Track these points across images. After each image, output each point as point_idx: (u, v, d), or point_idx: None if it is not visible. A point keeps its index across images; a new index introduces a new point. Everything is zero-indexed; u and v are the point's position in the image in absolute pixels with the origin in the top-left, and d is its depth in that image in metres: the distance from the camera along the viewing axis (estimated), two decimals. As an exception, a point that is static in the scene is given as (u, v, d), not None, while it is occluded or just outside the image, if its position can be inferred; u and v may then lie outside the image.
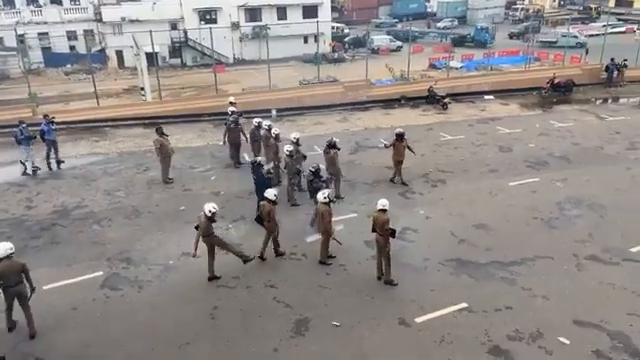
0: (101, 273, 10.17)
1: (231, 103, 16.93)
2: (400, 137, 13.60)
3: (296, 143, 13.14)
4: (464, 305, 9.12)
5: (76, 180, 14.93)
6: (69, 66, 39.78)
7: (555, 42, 38.43)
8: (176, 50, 44.05)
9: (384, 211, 9.42)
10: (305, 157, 13.42)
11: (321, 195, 10.27)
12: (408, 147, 13.80)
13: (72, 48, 41.97)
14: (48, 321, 8.66)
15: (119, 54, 41.78)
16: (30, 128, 15.23)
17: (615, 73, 25.69)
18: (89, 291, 9.65)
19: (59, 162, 15.68)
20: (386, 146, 14.37)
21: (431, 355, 8.06)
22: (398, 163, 13.93)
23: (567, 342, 8.19)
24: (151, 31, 21.76)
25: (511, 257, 10.58)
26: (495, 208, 12.81)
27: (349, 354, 8.10)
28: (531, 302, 9.26)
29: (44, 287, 9.39)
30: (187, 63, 43.83)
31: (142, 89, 24.46)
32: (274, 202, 10.33)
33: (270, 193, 10.36)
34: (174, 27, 42.88)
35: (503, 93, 24.29)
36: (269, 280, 9.94)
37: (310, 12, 45.98)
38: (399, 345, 8.29)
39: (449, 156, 16.12)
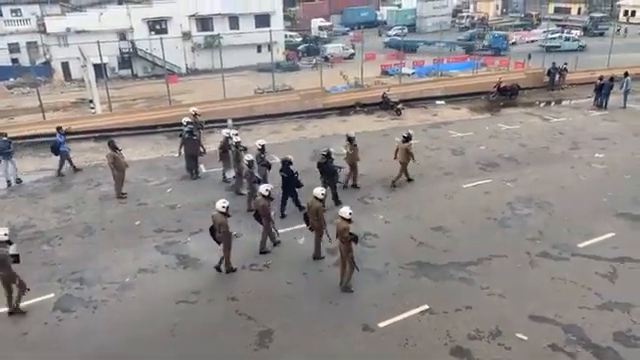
0: (52, 295, 9.70)
1: (195, 114, 16.63)
2: (350, 140, 13.98)
3: (261, 150, 13.10)
4: (425, 307, 9.29)
5: (22, 198, 14.21)
6: (12, 80, 37.96)
7: (559, 47, 39.42)
8: (126, 61, 42.94)
9: (346, 220, 9.42)
10: (270, 166, 13.33)
11: (319, 191, 10.43)
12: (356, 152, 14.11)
13: (15, 61, 40.11)
14: (-5, 349, 8.20)
15: (65, 66, 40.32)
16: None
17: (557, 77, 27.04)
18: (40, 314, 9.18)
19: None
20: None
21: (395, 359, 8.14)
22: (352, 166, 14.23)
23: (525, 338, 8.48)
24: (98, 42, 21.14)
25: (468, 257, 10.88)
26: (451, 210, 13.14)
27: (314, 363, 8.07)
28: (489, 300, 9.53)
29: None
30: (138, 74, 42.79)
31: (91, 102, 23.66)
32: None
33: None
34: (123, 37, 41.80)
35: (453, 98, 25.07)
36: (230, 293, 9.79)
37: (262, 21, 45.97)
38: (364, 350, 8.33)
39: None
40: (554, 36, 44.65)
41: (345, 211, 9.54)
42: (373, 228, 12.04)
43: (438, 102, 24.72)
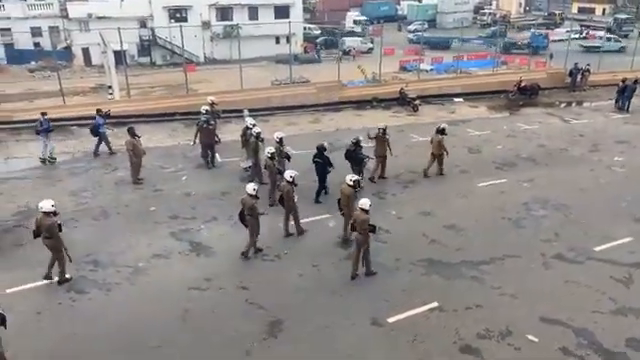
0: (67, 276, 9.85)
1: (212, 103, 16.69)
2: (383, 131, 14.13)
3: (279, 142, 13.15)
4: (435, 305, 9.25)
5: (41, 180, 14.45)
6: (33, 63, 38.48)
7: (599, 47, 38.48)
8: (145, 48, 43.24)
9: (365, 211, 9.56)
10: (289, 157, 13.37)
11: (350, 177, 10.79)
12: (388, 145, 14.20)
13: (37, 45, 40.61)
14: (10, 327, 8.32)
15: (86, 52, 40.72)
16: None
17: (579, 77, 26.57)
18: (54, 295, 9.35)
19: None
20: (370, 137, 14.46)
21: (404, 355, 8.14)
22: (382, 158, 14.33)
23: (535, 340, 8.41)
24: (119, 28, 21.26)
25: (480, 257, 10.79)
26: (465, 208, 13.04)
27: (323, 355, 8.09)
28: (500, 300, 9.46)
29: (7, 290, 9.06)
30: (157, 62, 43.08)
31: (110, 87, 23.88)
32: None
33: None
34: (143, 25, 42.07)
35: (472, 96, 24.79)
36: (241, 282, 9.85)
37: (282, 12, 45.85)
38: (372, 345, 8.34)
39: (420, 157, 16.25)
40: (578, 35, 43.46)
41: (365, 202, 9.64)
42: (386, 224, 11.98)
43: (456, 100, 24.48)
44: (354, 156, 13.40)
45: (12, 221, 12.01)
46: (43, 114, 15.61)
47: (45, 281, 9.60)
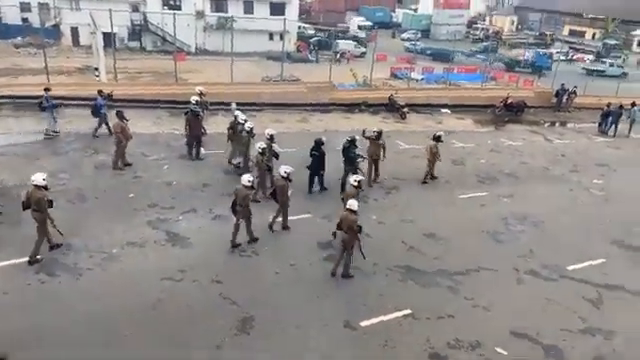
0: (38, 257, 9.61)
1: (201, 94, 16.54)
2: (378, 135, 14.33)
3: (270, 139, 13.09)
4: (409, 311, 9.28)
5: (18, 158, 14.09)
6: (20, 39, 37.61)
7: (603, 71, 38.24)
8: (136, 33, 42.63)
9: (353, 212, 9.66)
10: (277, 155, 13.30)
11: (354, 177, 10.92)
12: (383, 148, 14.33)
13: (25, 20, 39.72)
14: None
15: (74, 31, 39.95)
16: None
17: (564, 98, 27.04)
18: (23, 275, 9.11)
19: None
20: (364, 136, 14.49)
21: (373, 358, 8.12)
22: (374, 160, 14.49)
23: (504, 353, 8.49)
24: (110, 10, 20.90)
25: (457, 267, 10.87)
26: (445, 219, 13.12)
27: (293, 354, 8.04)
28: (472, 312, 9.54)
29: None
30: (147, 47, 42.48)
31: (96, 69, 23.44)
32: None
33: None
34: (135, 9, 41.46)
35: (459, 108, 25.02)
36: (216, 275, 9.74)
37: (277, 9, 45.69)
38: (343, 347, 8.32)
39: (405, 164, 16.39)
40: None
41: (353, 203, 9.74)
42: (366, 228, 11.79)
43: (444, 110, 24.68)
44: (347, 154, 13.56)
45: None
46: (46, 90, 15.75)
47: (13, 261, 9.34)
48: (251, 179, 10.62)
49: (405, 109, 22.61)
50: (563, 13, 76.02)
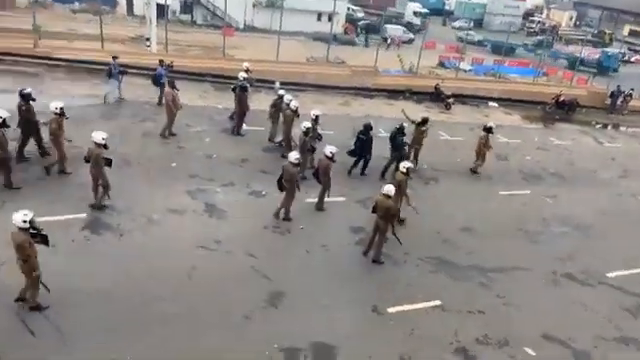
0: (84, 215, 10.07)
1: (247, 70, 16.70)
2: (423, 121, 14.37)
3: (315, 120, 13.15)
4: (438, 303, 9.23)
5: (70, 120, 14.61)
6: (77, 4, 38.79)
7: None
8: (188, 6, 43.15)
9: (389, 197, 9.62)
10: (321, 137, 13.36)
11: (405, 165, 10.94)
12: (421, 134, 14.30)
13: (83, -14, 40.86)
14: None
15: (129, 1, 40.82)
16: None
17: (619, 100, 25.80)
18: (70, 231, 9.55)
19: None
20: (407, 117, 14.53)
21: (398, 345, 8.14)
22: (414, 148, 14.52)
23: (533, 353, 8.35)
24: (166, -18, 21.26)
25: (491, 264, 10.69)
26: (483, 214, 12.87)
27: (318, 333, 8.14)
28: (504, 310, 9.38)
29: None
30: (197, 21, 42.99)
31: (148, 40, 23.98)
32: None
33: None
34: (189, -18, 41.94)
35: (508, 102, 24.28)
36: (249, 249, 9.93)
37: (329, -11, 45.16)
38: (368, 331, 8.37)
39: (446, 156, 16.11)
40: None
41: (391, 189, 9.71)
42: (401, 216, 11.90)
43: (491, 103, 24.02)
44: (394, 141, 13.58)
45: (37, 156, 12.16)
46: (114, 57, 16.45)
47: (59, 217, 9.78)
48: (298, 156, 10.83)
49: (451, 99, 22.12)
50: (624, 12, 71.89)
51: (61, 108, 11.20)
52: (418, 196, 13.20)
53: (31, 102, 11.73)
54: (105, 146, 10.03)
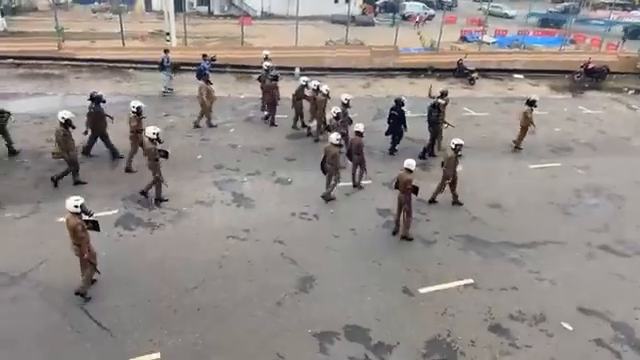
0: (116, 212, 10.35)
1: (266, 58, 16.73)
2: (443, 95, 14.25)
3: (346, 105, 13.21)
4: (470, 281, 9.15)
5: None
6: (97, 4, 39.36)
7: None
8: (203, -3, 43.28)
9: (409, 171, 9.73)
10: (351, 121, 13.40)
11: (456, 141, 11.06)
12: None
13: (102, -14, 41.42)
14: (64, 252, 8.85)
15: (147, -4, 41.22)
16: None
17: (653, 64, 24.77)
18: (104, 227, 9.75)
19: None
20: (430, 95, 14.64)
21: (431, 325, 8.13)
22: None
23: (570, 328, 8.21)
24: (181, -25, 21.33)
25: (522, 239, 10.53)
26: (512, 189, 12.64)
27: (350, 316, 8.20)
28: (538, 285, 9.24)
29: (60, 219, 9.56)
30: (214, 12, 43.09)
31: (167, 34, 24.18)
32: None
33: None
34: (204, -26, 41.98)
35: (534, 73, 23.64)
36: (278, 236, 10.03)
37: (344, -29, 44.51)
38: (400, 313, 8.37)
39: (471, 132, 15.82)
40: None
41: (411, 163, 9.77)
42: (427, 195, 11.78)
43: (516, 76, 23.42)
44: (430, 118, 13.65)
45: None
46: (166, 51, 17.42)
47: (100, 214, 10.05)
48: (339, 137, 11.01)
49: (474, 74, 21.67)
50: (658, -32, 68.50)
51: (138, 107, 11.77)
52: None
53: (101, 104, 12.30)
54: (158, 140, 10.39)
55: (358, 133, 11.41)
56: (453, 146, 11.01)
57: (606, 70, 23.42)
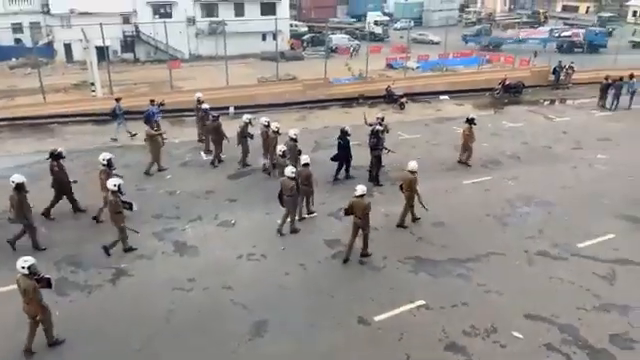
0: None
1: (199, 100, 16.86)
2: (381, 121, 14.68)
3: (294, 140, 13.41)
4: (422, 302, 9.24)
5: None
6: (14, 60, 37.68)
7: None
8: (128, 44, 42.63)
9: (362, 196, 10.07)
10: (300, 152, 13.53)
11: (413, 164, 11.61)
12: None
13: (17, 41, 39.73)
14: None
15: (67, 47, 39.99)
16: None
17: (562, 75, 26.85)
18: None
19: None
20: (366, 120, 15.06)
21: (390, 353, 8.10)
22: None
23: (520, 336, 8.44)
24: (101, 24, 20.92)
25: (467, 254, 10.82)
26: (451, 206, 13.05)
27: (309, 355, 8.02)
28: (486, 298, 9.49)
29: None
30: (140, 58, 42.50)
31: (92, 84, 23.49)
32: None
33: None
34: (126, 21, 41.45)
35: (457, 94, 24.91)
36: (226, 282, 9.73)
37: (268, 9, 45.56)
38: (358, 344, 8.29)
39: (406, 155, 16.19)
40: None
41: (364, 188, 10.28)
42: (373, 221, 11.88)
43: (442, 97, 24.59)
44: (371, 145, 14.07)
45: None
46: (117, 99, 17.63)
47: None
48: (294, 170, 11.18)
49: (403, 99, 22.53)
50: (554, -11, 75.57)
51: (108, 160, 11.53)
52: (387, 199, 13.33)
53: (61, 161, 12.08)
54: (120, 192, 10.15)
55: (305, 164, 11.61)
56: (413, 169, 11.52)
57: (522, 85, 25.12)
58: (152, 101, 17.24)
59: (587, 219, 12.46)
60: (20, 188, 10.24)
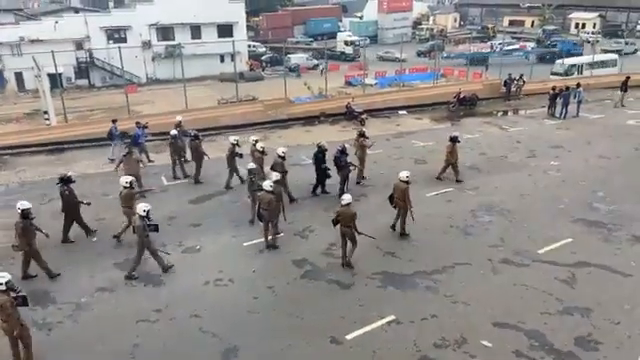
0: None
1: (178, 124, 17.14)
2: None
3: (282, 157, 13.74)
4: (392, 317, 9.27)
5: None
6: (-39, 90, 36.25)
7: (620, 50, 41.68)
8: (83, 70, 41.71)
9: (349, 205, 10.50)
10: (286, 172, 13.87)
11: (404, 174, 11.84)
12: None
13: (-35, 71, 38.31)
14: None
15: (19, 76, 38.77)
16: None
17: (513, 86, 27.96)
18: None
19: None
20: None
21: (363, 371, 8.07)
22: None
23: (489, 345, 8.57)
24: (53, 51, 20.42)
25: (433, 266, 10.96)
26: (415, 219, 13.17)
27: (281, 379, 7.89)
28: (454, 308, 9.61)
29: None
30: (96, 84, 41.61)
31: (45, 113, 22.76)
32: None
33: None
34: (79, 47, 40.59)
35: (415, 108, 25.51)
36: (194, 310, 9.49)
37: (225, 31, 45.57)
38: (331, 365, 8.21)
39: (369, 170, 16.49)
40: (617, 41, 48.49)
41: (350, 197, 10.68)
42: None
43: (401, 112, 25.11)
44: (337, 162, 14.20)
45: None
46: (114, 121, 17.92)
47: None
48: (272, 184, 11.33)
49: (363, 115, 22.86)
50: (501, 5, 79.21)
51: (130, 182, 11.70)
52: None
53: (71, 185, 12.01)
54: (148, 217, 10.26)
55: (267, 191, 11.40)
56: (405, 178, 11.84)
57: (476, 97, 25.99)
58: (137, 123, 17.66)
59: (545, 225, 12.87)
60: (26, 215, 10.12)
